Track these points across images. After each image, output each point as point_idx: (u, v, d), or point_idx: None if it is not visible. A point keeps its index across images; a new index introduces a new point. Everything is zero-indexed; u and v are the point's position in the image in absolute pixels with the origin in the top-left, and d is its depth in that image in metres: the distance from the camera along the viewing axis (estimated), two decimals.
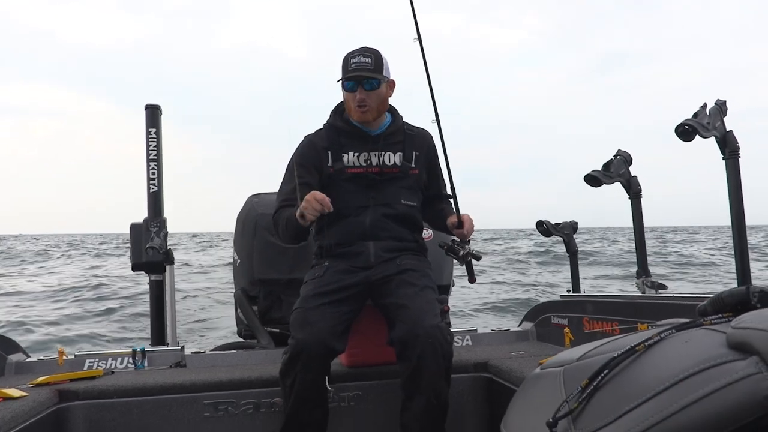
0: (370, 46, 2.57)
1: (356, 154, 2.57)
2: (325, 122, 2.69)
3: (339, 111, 2.68)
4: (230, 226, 3.68)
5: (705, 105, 2.28)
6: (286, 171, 2.63)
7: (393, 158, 2.60)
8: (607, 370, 0.83)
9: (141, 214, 3.75)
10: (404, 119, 2.71)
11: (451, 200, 2.64)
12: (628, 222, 2.95)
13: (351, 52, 2.53)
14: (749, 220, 2.28)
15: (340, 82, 2.55)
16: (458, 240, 2.52)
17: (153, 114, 3.82)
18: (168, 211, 3.80)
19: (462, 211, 2.55)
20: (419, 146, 2.66)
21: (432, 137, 2.71)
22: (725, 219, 2.32)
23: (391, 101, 2.67)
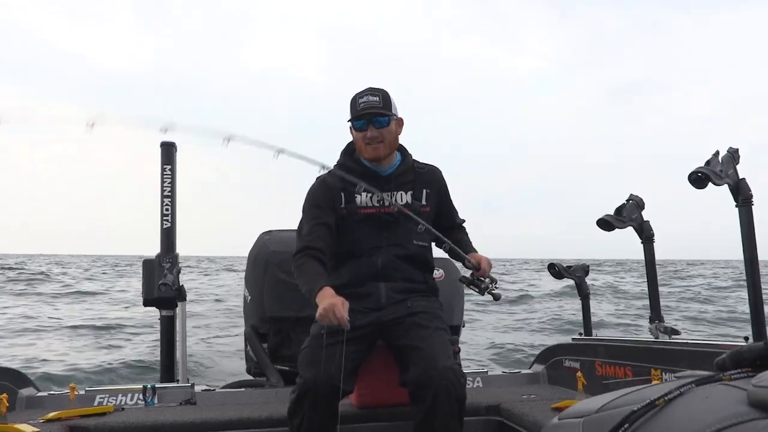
0: (376, 86, 2.59)
1: (369, 195, 2.58)
2: (336, 163, 2.70)
3: (349, 152, 2.70)
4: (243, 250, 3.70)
5: (717, 153, 2.30)
6: (304, 209, 2.63)
7: (405, 197, 2.61)
8: (627, 424, 0.84)
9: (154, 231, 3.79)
10: (414, 156, 2.73)
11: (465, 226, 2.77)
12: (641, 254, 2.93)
13: (358, 92, 2.56)
14: None
15: (350, 123, 2.57)
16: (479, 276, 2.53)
17: (168, 151, 3.88)
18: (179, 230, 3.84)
19: (474, 240, 2.69)
20: (429, 183, 2.68)
21: (441, 173, 2.74)
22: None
23: (400, 140, 2.69)
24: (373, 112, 2.52)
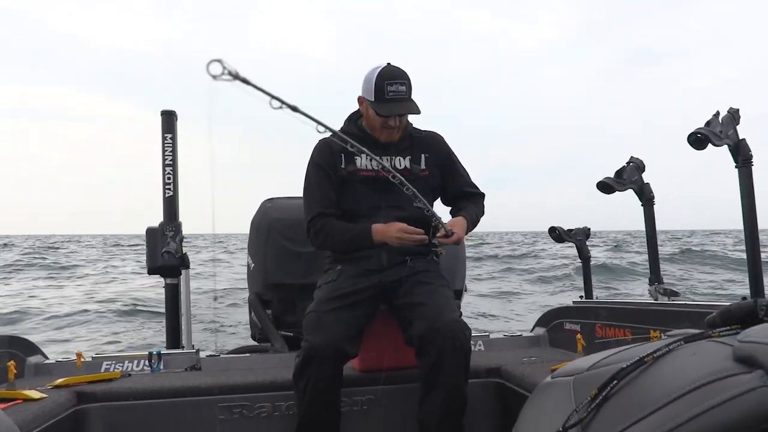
0: (396, 63, 2.56)
1: (369, 158, 2.60)
2: (340, 128, 2.71)
3: (353, 118, 2.72)
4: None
5: (717, 113, 2.29)
6: (309, 171, 2.66)
7: (403, 162, 2.64)
8: (615, 381, 0.85)
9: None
10: (414, 125, 2.74)
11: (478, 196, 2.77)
12: (663, 225, 2.94)
13: (384, 75, 2.50)
14: None
15: (370, 103, 2.54)
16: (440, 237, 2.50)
17: (169, 120, 3.88)
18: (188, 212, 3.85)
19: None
20: (427, 148, 2.69)
21: (442, 138, 2.75)
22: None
23: None
24: (406, 112, 2.55)
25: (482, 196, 2.79)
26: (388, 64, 2.55)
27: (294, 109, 1.93)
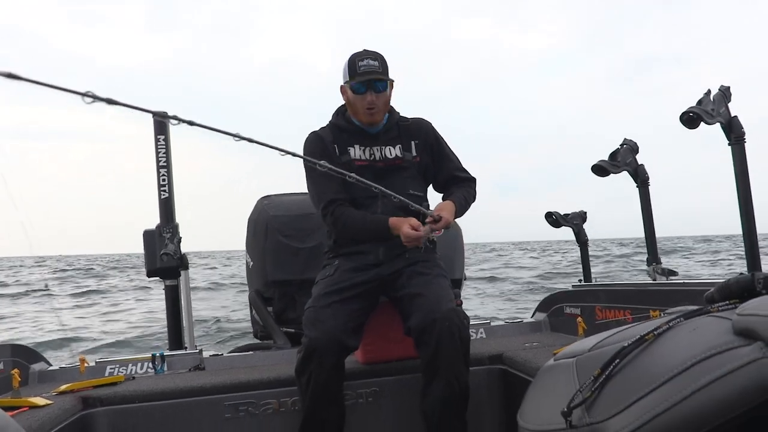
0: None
1: (361, 148, 2.62)
2: (328, 122, 2.73)
3: (340, 112, 2.72)
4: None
5: (709, 91, 2.29)
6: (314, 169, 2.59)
7: (394, 151, 2.64)
8: (618, 360, 0.86)
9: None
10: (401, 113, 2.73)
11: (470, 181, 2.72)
12: (679, 231, 2.93)
13: (357, 54, 2.54)
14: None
15: (348, 85, 2.55)
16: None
17: (160, 122, 3.86)
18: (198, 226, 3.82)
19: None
20: (416, 134, 2.68)
21: (430, 123, 2.74)
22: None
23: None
24: (377, 78, 2.52)
25: (473, 180, 2.76)
26: (364, 49, 2.57)
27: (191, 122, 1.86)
